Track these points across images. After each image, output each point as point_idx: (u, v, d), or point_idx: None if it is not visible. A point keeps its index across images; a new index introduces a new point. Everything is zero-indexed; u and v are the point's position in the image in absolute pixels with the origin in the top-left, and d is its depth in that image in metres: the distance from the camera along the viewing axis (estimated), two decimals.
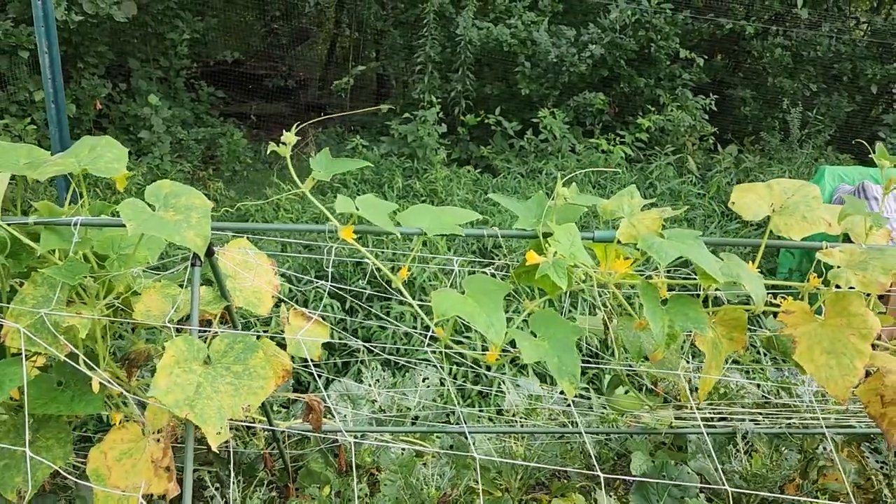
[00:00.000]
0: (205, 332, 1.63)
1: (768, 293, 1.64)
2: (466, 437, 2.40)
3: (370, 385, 2.69)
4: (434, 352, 3.40)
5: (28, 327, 1.54)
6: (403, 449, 2.35)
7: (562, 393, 2.61)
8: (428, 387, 2.83)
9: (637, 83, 7.75)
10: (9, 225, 1.55)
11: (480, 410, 2.77)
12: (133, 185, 5.87)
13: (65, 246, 1.59)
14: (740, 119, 8.67)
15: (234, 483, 2.16)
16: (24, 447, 1.68)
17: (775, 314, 1.63)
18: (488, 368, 3.48)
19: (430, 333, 2.20)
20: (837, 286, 1.53)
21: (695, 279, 1.64)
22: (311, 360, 1.85)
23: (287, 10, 12.68)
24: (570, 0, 8.64)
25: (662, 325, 1.46)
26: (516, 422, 2.57)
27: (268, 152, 1.56)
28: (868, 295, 1.61)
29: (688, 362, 2.28)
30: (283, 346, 1.97)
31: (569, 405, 2.61)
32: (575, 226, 1.56)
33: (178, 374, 1.47)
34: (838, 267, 1.54)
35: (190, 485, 1.49)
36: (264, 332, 3.08)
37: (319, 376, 3.29)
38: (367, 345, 2.86)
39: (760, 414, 2.44)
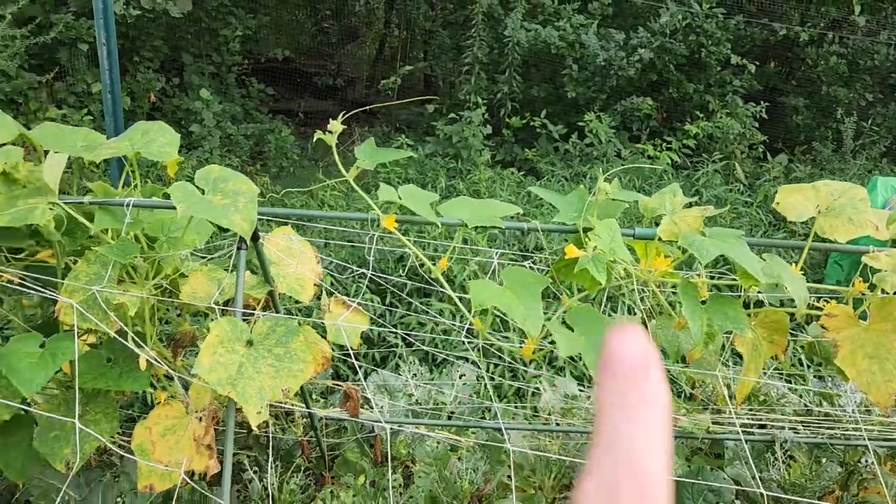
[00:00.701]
0: (248, 315, 1.67)
1: (811, 297, 1.61)
2: (502, 433, 2.41)
3: (408, 379, 2.72)
4: (474, 348, 3.41)
5: (81, 303, 1.60)
6: (438, 442, 2.37)
7: None
8: (465, 383, 2.84)
9: (686, 89, 7.65)
10: (66, 204, 1.61)
11: (519, 408, 2.77)
12: (183, 177, 6.01)
13: (117, 226, 1.65)
14: (792, 128, 8.49)
15: (272, 467, 2.20)
16: (71, 420, 1.75)
17: (818, 318, 1.61)
18: (525, 366, 3.47)
19: (467, 326, 2.21)
20: (883, 291, 1.50)
21: (735, 280, 1.62)
22: (350, 349, 1.88)
23: (338, 9, 12.85)
24: (619, 3, 8.57)
25: (701, 324, 1.45)
26: (552, 421, 2.56)
27: (314, 141, 1.59)
28: None
29: (727, 367, 2.25)
30: (323, 336, 2.01)
31: None
32: (615, 221, 1.56)
33: (221, 353, 1.51)
34: (885, 271, 1.50)
35: (230, 463, 1.53)
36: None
37: (360, 367, 3.34)
38: (406, 333, 2.88)
39: (801, 423, 2.39)
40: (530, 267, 1.72)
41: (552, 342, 2.22)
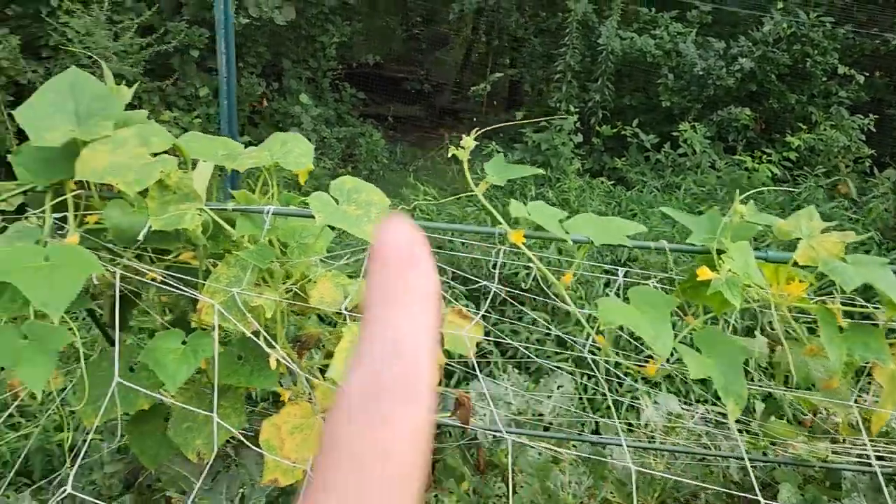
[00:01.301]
0: None
1: None
2: (605, 447, 2.40)
3: (506, 388, 2.73)
4: (569, 359, 3.40)
5: (221, 304, 1.69)
6: (540, 453, 2.38)
7: (706, 412, 2.56)
8: (562, 395, 2.84)
9: (788, 99, 7.39)
10: (211, 210, 1.71)
11: (621, 423, 2.74)
12: (281, 178, 6.22)
13: (256, 232, 1.74)
14: None
15: None
16: (205, 412, 1.84)
17: None
18: (620, 383, 3.44)
19: (582, 340, 2.21)
20: None
21: (866, 308, 1.57)
22: (462, 358, 1.92)
23: (428, 16, 13.02)
24: (719, 11, 8.36)
25: (840, 353, 1.41)
26: (655, 438, 2.53)
27: (448, 155, 1.63)
28: None
29: (858, 395, 2.17)
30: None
31: (718, 425, 2.55)
32: (749, 244, 1.54)
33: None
34: None
35: None
36: None
37: (468, 373, 3.37)
38: (519, 345, 2.91)
39: None
40: (654, 286, 1.71)
41: (674, 362, 2.20)
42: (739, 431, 2.46)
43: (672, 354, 1.52)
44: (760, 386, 2.39)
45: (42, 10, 5.49)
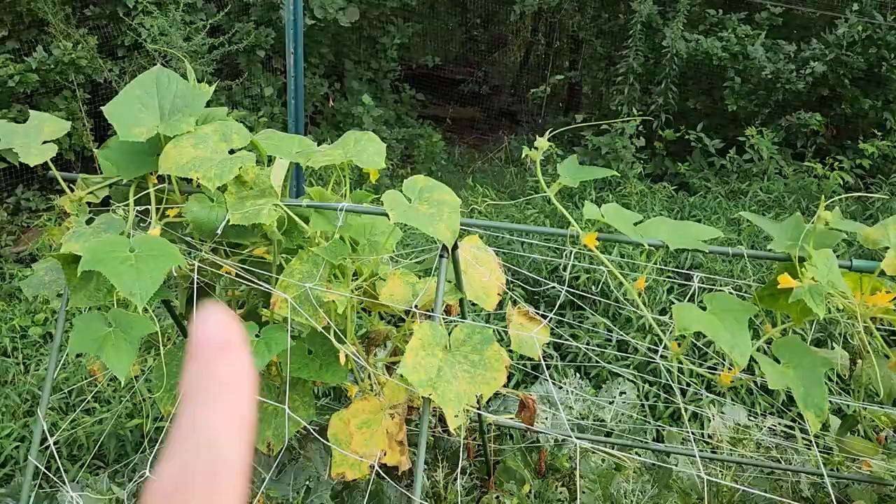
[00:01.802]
0: (444, 319, 1.73)
1: None
2: (668, 456, 2.35)
3: (568, 392, 2.71)
4: (630, 365, 3.35)
5: (294, 299, 1.72)
6: (603, 459, 2.35)
7: (774, 425, 2.48)
8: (624, 401, 2.80)
9: (861, 104, 7.12)
10: (285, 205, 1.74)
11: (683, 432, 2.69)
12: (341, 179, 6.30)
13: (329, 228, 1.76)
14: None
15: (440, 467, 2.27)
16: (274, 404, 1.88)
17: None
18: (683, 392, 3.37)
19: (646, 345, 2.17)
20: None
21: None
22: (524, 360, 1.91)
23: (487, 18, 13.02)
24: (790, 13, 8.12)
25: None
26: (720, 449, 2.47)
27: (522, 156, 1.63)
28: None
29: None
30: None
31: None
32: (832, 252, 1.49)
33: (422, 356, 1.58)
34: None
35: (422, 460, 1.59)
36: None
37: (527, 376, 3.36)
38: (585, 347, 2.88)
39: None
40: (730, 293, 1.67)
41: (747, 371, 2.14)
42: (808, 445, 2.39)
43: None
44: (842, 399, 2.31)
45: (119, 10, 5.69)
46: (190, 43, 5.45)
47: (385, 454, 1.69)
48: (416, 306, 1.73)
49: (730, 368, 1.64)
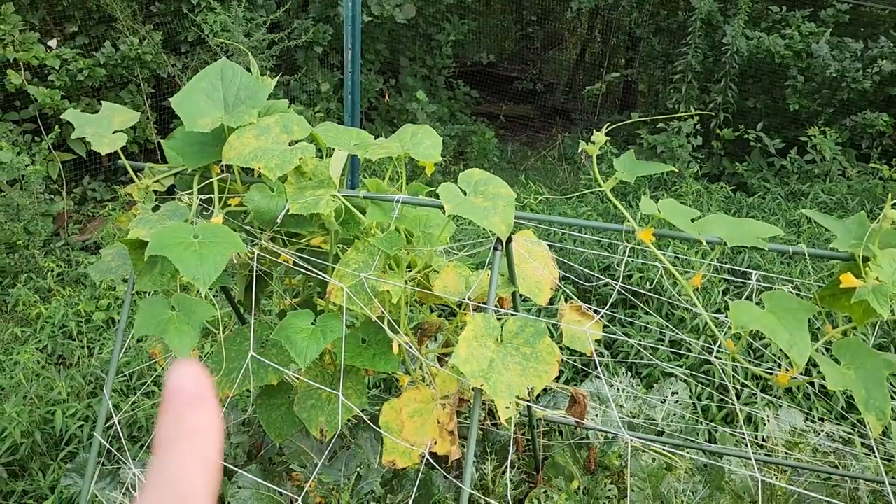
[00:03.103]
0: (496, 312, 1.74)
1: None
2: (721, 458, 2.32)
3: (619, 390, 2.69)
4: (684, 364, 3.31)
5: (349, 288, 1.76)
6: (653, 458, 2.33)
7: (832, 430, 2.42)
8: (676, 402, 2.76)
9: None
10: (343, 196, 1.77)
11: (737, 434, 2.65)
12: (394, 173, 6.36)
13: (385, 219, 1.79)
14: None
15: (489, 460, 2.28)
16: (330, 390, 1.92)
17: None
18: (738, 393, 3.31)
19: (699, 345, 2.13)
20: None
21: None
22: (574, 355, 1.91)
23: (543, 15, 12.93)
24: (857, 10, 7.85)
25: None
26: (774, 452, 2.42)
27: (579, 150, 1.62)
28: None
29: None
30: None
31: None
32: None
33: (475, 347, 1.59)
34: None
35: (472, 450, 1.60)
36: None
37: (577, 372, 3.34)
38: (638, 344, 2.86)
39: None
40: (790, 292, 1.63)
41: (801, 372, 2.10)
42: (868, 452, 2.32)
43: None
44: None
45: (183, 7, 5.85)
46: (250, 39, 5.57)
47: (436, 443, 1.71)
48: (468, 298, 1.75)
49: (787, 369, 1.61)
